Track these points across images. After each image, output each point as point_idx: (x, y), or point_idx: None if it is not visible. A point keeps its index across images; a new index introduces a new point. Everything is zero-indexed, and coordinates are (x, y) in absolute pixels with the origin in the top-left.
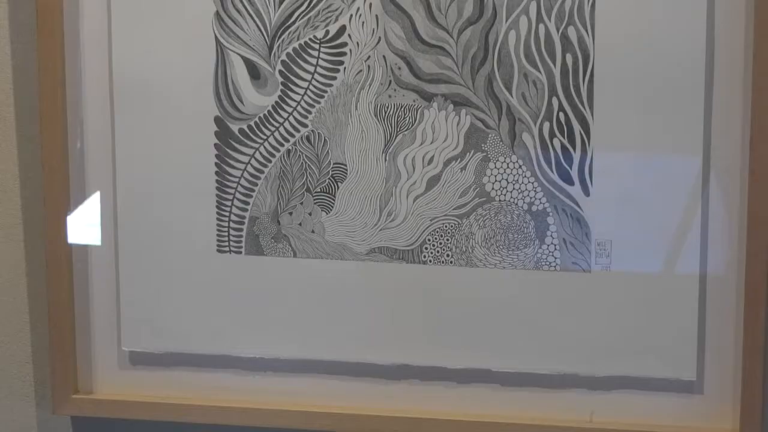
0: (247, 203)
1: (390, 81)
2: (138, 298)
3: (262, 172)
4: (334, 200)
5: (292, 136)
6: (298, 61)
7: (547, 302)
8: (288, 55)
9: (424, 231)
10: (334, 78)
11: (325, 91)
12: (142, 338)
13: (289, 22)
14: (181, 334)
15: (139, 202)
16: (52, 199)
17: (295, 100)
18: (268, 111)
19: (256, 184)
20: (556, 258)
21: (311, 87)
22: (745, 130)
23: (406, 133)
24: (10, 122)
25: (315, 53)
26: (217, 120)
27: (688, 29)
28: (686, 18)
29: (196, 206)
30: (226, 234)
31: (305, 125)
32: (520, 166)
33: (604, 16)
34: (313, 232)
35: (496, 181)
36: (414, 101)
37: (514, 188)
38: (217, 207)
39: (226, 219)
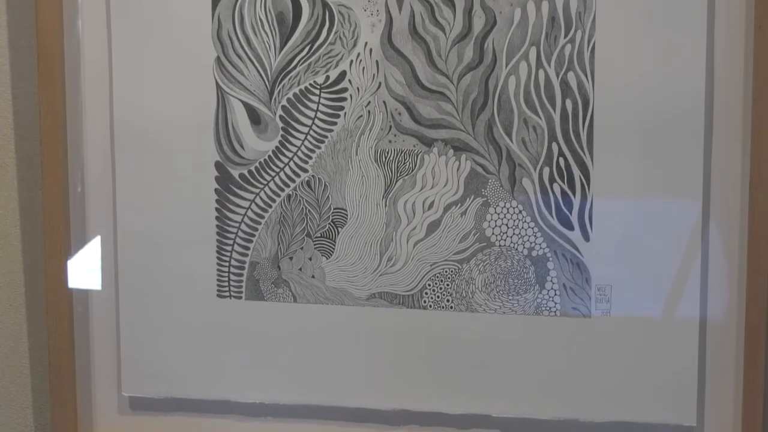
0: (248, 248)
1: (390, 126)
2: (138, 342)
3: (262, 217)
4: (334, 245)
5: (293, 181)
6: (299, 106)
7: (547, 347)
8: (288, 100)
9: (424, 276)
10: (335, 123)
11: (326, 137)
12: (143, 383)
13: (290, 68)
14: (182, 380)
15: (139, 246)
16: (52, 244)
17: (295, 146)
18: (269, 156)
19: (257, 229)
20: (556, 303)
21: (312, 132)
22: (744, 175)
23: (406, 178)
24: (11, 167)
25: (315, 98)
26: (218, 165)
27: (688, 75)
28: (686, 64)
29: (196, 251)
30: (227, 279)
31: (305, 170)
32: (520, 211)
33: (603, 61)
34: (313, 277)
35: (496, 226)
36: (414, 146)
37: (514, 233)
38: (218, 252)
39: (227, 264)
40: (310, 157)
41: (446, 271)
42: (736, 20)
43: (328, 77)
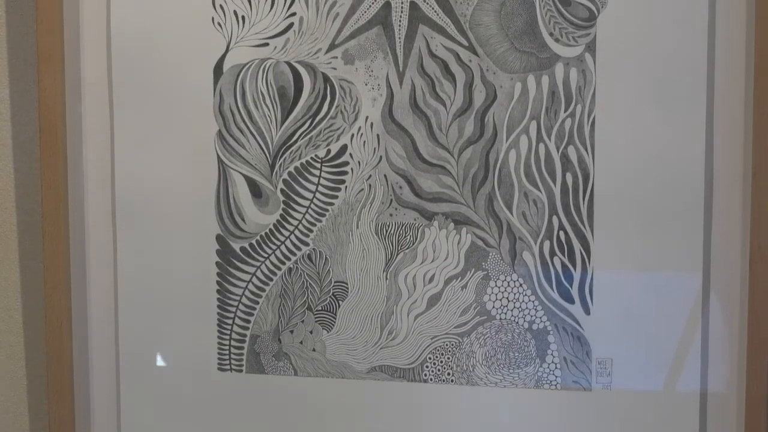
0: (249, 321)
1: (391, 200)
2: (139, 416)
3: (263, 290)
4: (335, 318)
5: (294, 254)
6: (300, 179)
7: (548, 421)
8: (290, 173)
9: (425, 349)
10: (336, 197)
11: (327, 210)
12: None
13: (291, 141)
14: None
15: (140, 320)
16: (53, 317)
17: (296, 219)
18: (270, 229)
19: (258, 302)
20: (557, 377)
21: (313, 206)
22: (744, 249)
23: (407, 251)
24: (12, 240)
25: (317, 172)
26: (219, 238)
27: (688, 149)
28: (685, 138)
29: (197, 324)
30: (227, 352)
31: (306, 243)
32: (520, 285)
33: (603, 135)
34: (314, 350)
35: (496, 299)
36: (415, 220)
37: (514, 306)
38: (219, 325)
39: (227, 337)
40: (311, 231)
41: (447, 345)
42: (735, 93)
43: (329, 151)
